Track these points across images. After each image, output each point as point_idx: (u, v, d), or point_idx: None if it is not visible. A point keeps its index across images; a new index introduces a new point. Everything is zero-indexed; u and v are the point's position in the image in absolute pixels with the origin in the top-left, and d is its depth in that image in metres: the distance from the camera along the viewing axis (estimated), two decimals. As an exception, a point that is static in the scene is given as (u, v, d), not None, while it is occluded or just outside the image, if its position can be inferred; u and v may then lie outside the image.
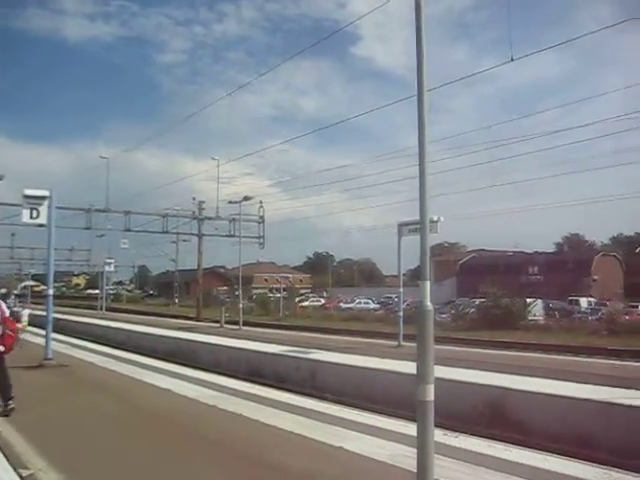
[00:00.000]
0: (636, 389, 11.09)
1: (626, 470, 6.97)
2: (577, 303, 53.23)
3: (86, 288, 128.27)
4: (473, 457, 7.36)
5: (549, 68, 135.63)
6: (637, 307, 44.64)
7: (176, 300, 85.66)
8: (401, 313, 22.04)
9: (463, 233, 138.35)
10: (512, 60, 15.61)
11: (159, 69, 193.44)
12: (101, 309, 53.56)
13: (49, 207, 15.87)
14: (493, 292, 41.19)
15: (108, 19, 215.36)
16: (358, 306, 66.55)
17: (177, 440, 8.43)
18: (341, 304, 70.02)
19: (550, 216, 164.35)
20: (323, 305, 72.38)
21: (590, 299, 55.56)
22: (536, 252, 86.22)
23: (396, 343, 21.45)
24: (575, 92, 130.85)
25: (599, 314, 41.58)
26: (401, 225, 20.67)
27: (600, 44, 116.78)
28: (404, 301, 23.65)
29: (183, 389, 12.86)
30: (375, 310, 61.06)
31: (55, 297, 21.19)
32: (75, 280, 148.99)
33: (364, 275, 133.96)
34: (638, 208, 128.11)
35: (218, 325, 35.40)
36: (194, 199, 47.28)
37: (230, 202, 39.90)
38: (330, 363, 16.86)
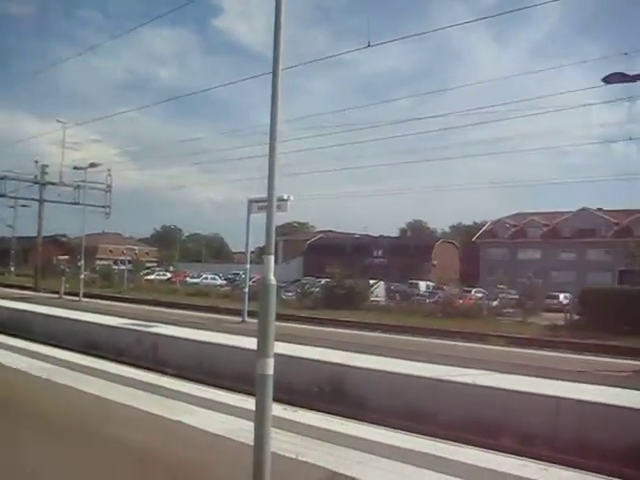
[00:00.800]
0: (463, 367, 11.81)
1: (453, 442, 7.42)
2: (416, 286, 55.67)
3: None
4: (310, 431, 7.53)
5: (404, 58, 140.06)
6: (470, 292, 47.27)
7: (12, 269, 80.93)
8: (247, 290, 22.12)
9: (313, 214, 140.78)
10: (369, 45, 15.90)
11: (4, 20, 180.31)
12: None
13: None
14: (338, 272, 42.17)
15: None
16: (205, 281, 66.33)
17: (6, 414, 7.99)
18: (187, 279, 69.14)
19: (397, 202, 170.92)
20: (169, 279, 71.13)
21: (429, 283, 58.27)
22: (381, 236, 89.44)
23: (240, 319, 21.54)
24: (428, 84, 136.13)
25: (436, 297, 43.67)
26: (251, 202, 20.62)
27: (452, 39, 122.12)
28: (251, 278, 23.71)
29: (13, 361, 12.22)
30: (222, 286, 60.90)
31: None
32: None
33: (212, 251, 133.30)
34: (478, 199, 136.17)
35: (57, 296, 33.88)
36: (36, 162, 44.65)
37: (75, 168, 38.08)
38: (172, 337, 16.63)
